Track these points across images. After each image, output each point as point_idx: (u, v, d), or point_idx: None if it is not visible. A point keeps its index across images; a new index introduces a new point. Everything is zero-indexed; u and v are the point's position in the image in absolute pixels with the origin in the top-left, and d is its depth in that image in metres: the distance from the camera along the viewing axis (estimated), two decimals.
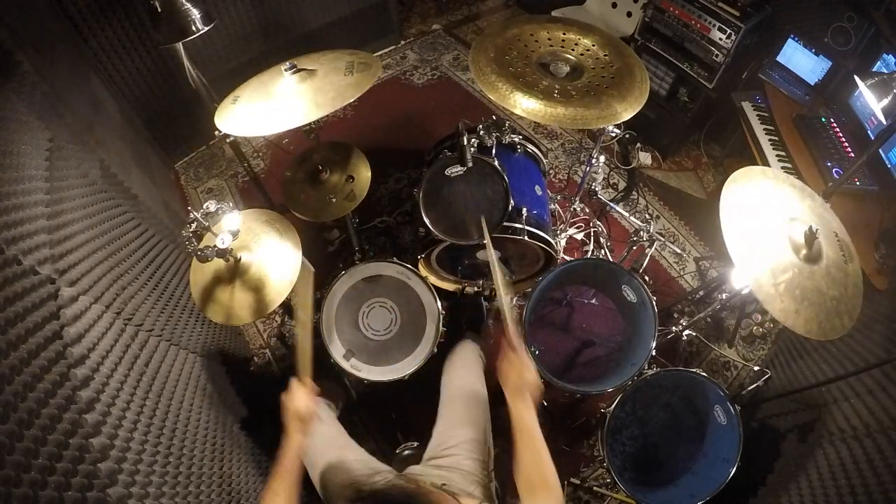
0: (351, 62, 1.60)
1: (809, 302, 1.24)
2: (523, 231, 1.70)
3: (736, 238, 1.26)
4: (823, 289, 1.27)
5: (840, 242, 1.37)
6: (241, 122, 1.50)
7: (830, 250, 1.34)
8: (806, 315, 1.22)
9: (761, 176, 1.43)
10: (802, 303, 1.23)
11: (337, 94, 1.48)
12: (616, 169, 2.84)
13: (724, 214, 1.29)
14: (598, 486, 1.85)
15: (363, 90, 1.48)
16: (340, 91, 1.49)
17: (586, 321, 1.89)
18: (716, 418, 1.58)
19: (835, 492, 1.29)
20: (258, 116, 1.51)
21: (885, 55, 1.91)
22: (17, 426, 0.69)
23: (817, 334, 1.22)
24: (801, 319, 1.21)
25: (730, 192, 1.34)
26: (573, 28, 1.83)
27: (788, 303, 1.22)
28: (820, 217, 1.39)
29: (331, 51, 1.70)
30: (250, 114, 1.52)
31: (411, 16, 3.75)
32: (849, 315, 1.27)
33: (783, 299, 1.22)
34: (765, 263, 1.26)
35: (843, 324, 1.26)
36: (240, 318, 1.30)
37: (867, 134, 1.97)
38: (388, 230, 2.54)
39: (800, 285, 1.25)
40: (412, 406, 1.95)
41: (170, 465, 1.08)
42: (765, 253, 1.28)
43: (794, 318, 1.21)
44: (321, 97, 1.48)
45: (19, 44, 1.39)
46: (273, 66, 1.65)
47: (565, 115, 1.55)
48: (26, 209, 0.99)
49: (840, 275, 1.31)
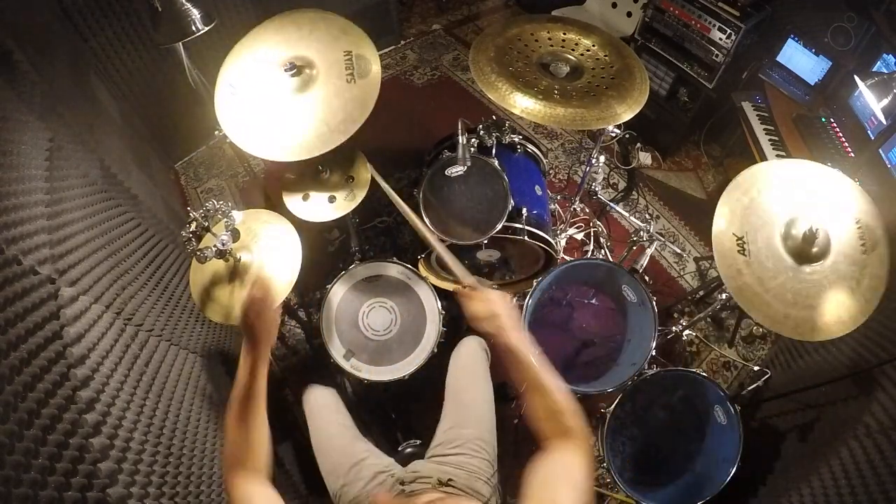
0: (349, 59, 1.59)
1: (802, 305, 1.24)
2: (523, 231, 1.70)
3: (724, 243, 1.27)
4: (827, 284, 1.27)
5: (862, 228, 1.32)
6: (246, 137, 1.49)
7: (845, 243, 1.32)
8: (797, 317, 1.23)
9: (784, 168, 1.43)
10: (794, 306, 1.24)
11: (346, 118, 1.45)
12: (616, 169, 2.84)
13: (718, 221, 1.30)
14: (598, 486, 1.85)
15: (369, 109, 1.46)
16: (349, 115, 1.46)
17: (586, 321, 1.89)
18: (716, 418, 1.58)
19: (835, 492, 1.29)
20: (264, 135, 1.49)
21: (885, 55, 1.91)
22: (17, 426, 0.68)
23: (811, 335, 1.22)
24: (789, 324, 1.23)
25: (724, 211, 1.35)
26: (574, 28, 1.83)
27: (779, 307, 1.23)
28: (834, 205, 1.37)
29: (321, 12, 1.67)
30: (256, 130, 1.50)
31: (411, 16, 3.75)
32: (861, 310, 1.26)
33: (775, 302, 1.23)
34: (753, 270, 1.27)
35: (855, 321, 1.25)
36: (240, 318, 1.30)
37: (867, 134, 1.97)
38: (388, 230, 2.54)
39: (791, 289, 1.25)
40: (412, 406, 1.95)
41: (170, 465, 1.07)
42: (756, 258, 1.28)
43: (780, 323, 1.23)
44: (331, 118, 1.46)
45: (19, 44, 1.39)
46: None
47: (565, 116, 1.55)
48: (26, 209, 0.99)
49: (853, 268, 1.29)
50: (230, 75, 1.58)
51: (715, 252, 1.30)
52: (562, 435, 0.84)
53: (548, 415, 0.89)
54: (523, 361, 0.95)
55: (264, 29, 1.65)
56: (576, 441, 0.83)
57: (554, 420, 0.87)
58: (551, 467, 0.80)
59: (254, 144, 1.48)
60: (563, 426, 0.85)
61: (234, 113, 1.52)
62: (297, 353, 2.18)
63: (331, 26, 1.63)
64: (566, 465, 0.79)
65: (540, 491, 0.75)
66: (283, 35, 1.62)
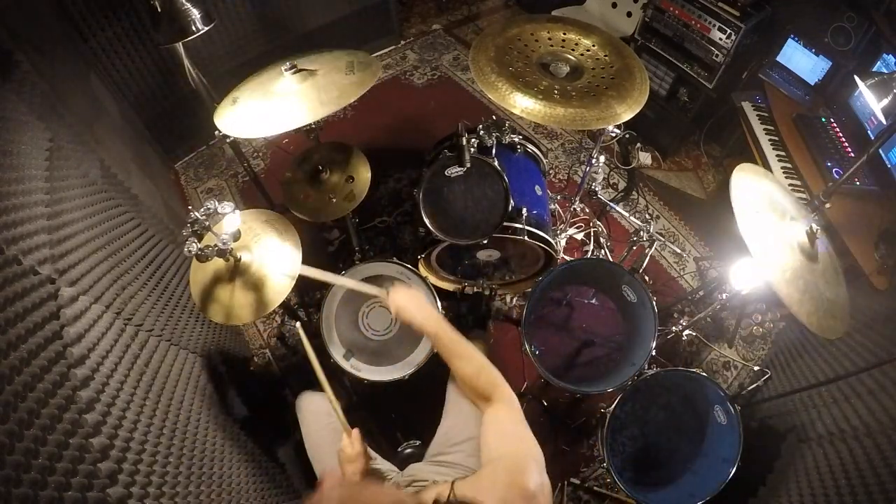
0: (351, 62, 1.60)
1: (810, 295, 1.24)
2: (523, 231, 1.70)
3: (750, 225, 1.27)
4: (821, 287, 1.27)
5: (830, 258, 1.39)
6: (242, 123, 1.50)
7: (827, 259, 1.35)
8: (808, 307, 1.23)
9: (763, 178, 1.44)
10: (805, 294, 1.24)
11: (340, 94, 1.48)
12: (616, 169, 2.84)
13: (737, 203, 1.29)
14: (598, 486, 1.85)
15: (366, 88, 1.48)
16: (343, 90, 1.49)
17: (586, 321, 1.89)
18: (716, 418, 1.58)
19: (835, 492, 1.29)
20: (260, 117, 1.50)
21: (885, 55, 1.91)
22: (17, 426, 0.68)
23: (817, 328, 1.22)
24: (804, 309, 1.22)
25: (739, 184, 1.34)
26: (574, 28, 1.83)
27: (793, 291, 1.23)
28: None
29: (329, 51, 1.70)
30: (252, 114, 1.51)
31: (411, 16, 3.75)
32: (842, 322, 1.28)
33: (789, 286, 1.23)
34: (774, 252, 1.27)
35: (836, 327, 1.26)
36: (240, 318, 1.30)
37: (867, 134, 1.97)
38: (388, 230, 2.54)
39: (803, 277, 1.26)
40: (412, 406, 1.95)
41: (170, 465, 1.07)
42: (773, 242, 1.29)
43: (797, 305, 1.22)
44: (325, 95, 1.48)
45: (19, 44, 1.39)
46: (271, 65, 1.65)
47: (565, 116, 1.55)
48: (26, 209, 0.99)
49: (836, 278, 1.32)
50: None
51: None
52: (486, 399, 0.98)
53: (470, 377, 1.03)
54: (434, 334, 1.09)
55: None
56: (495, 397, 0.97)
57: (477, 379, 1.01)
58: (486, 430, 0.93)
59: (251, 128, 1.50)
60: (482, 387, 1.00)
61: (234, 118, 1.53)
62: (297, 353, 2.18)
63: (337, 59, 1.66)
64: (497, 421, 0.94)
65: (486, 454, 0.89)
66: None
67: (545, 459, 0.87)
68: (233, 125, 1.50)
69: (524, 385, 2.05)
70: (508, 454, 0.86)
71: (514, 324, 2.23)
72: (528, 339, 1.67)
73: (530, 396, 2.02)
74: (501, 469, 0.84)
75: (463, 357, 1.07)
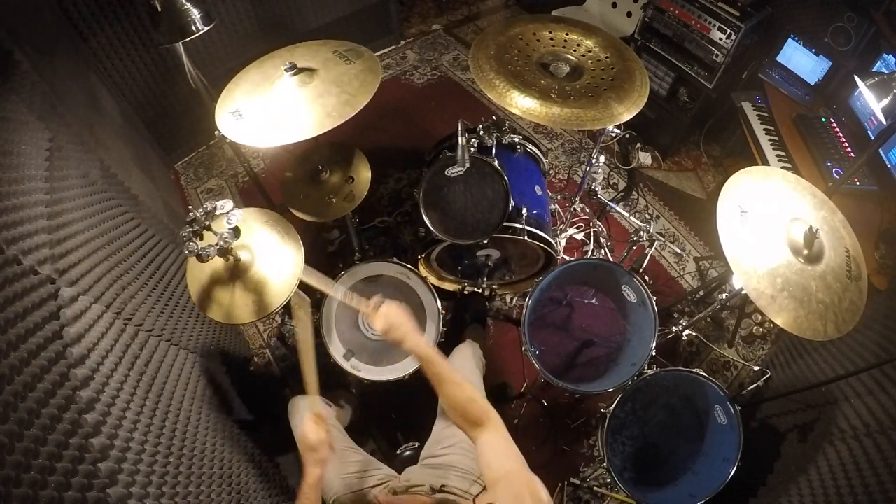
0: (346, 51, 1.60)
1: (790, 294, 1.24)
2: (523, 231, 1.70)
3: (730, 233, 1.27)
4: (812, 289, 1.26)
5: (850, 258, 1.36)
6: (249, 132, 1.49)
7: (835, 261, 1.33)
8: (784, 305, 1.23)
9: (770, 176, 1.43)
10: (783, 292, 1.24)
11: (346, 102, 1.49)
12: (616, 169, 2.84)
13: (721, 216, 1.29)
14: (598, 486, 1.85)
15: (370, 95, 1.50)
16: (348, 101, 1.50)
17: (586, 321, 1.89)
18: (716, 418, 1.58)
19: (835, 492, 1.29)
20: (266, 126, 1.50)
21: (885, 55, 1.91)
22: (17, 426, 0.68)
23: (796, 329, 1.22)
24: (774, 306, 1.22)
25: (729, 194, 1.34)
26: (576, 29, 1.83)
27: (765, 287, 1.24)
28: (833, 230, 1.38)
29: (323, 41, 1.70)
30: (258, 124, 1.51)
31: (411, 16, 3.75)
32: (836, 327, 1.26)
33: (761, 283, 1.24)
34: (760, 260, 1.27)
35: (826, 330, 1.25)
36: (240, 318, 1.30)
37: (867, 134, 1.97)
38: (388, 230, 2.54)
39: (782, 275, 1.25)
40: (412, 406, 1.95)
41: (170, 465, 1.07)
42: (761, 250, 1.28)
43: (766, 301, 1.23)
44: (330, 104, 1.49)
45: (19, 44, 1.39)
46: (266, 58, 1.66)
47: (565, 116, 1.55)
48: (26, 209, 0.99)
49: (837, 285, 1.30)
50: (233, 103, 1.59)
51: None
52: (475, 425, 1.00)
53: (461, 404, 1.03)
54: (427, 360, 1.08)
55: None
56: (487, 423, 0.99)
57: (467, 406, 1.02)
58: (486, 452, 0.96)
59: (258, 138, 1.50)
60: (474, 414, 1.01)
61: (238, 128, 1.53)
62: (298, 353, 2.18)
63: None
64: (495, 444, 0.97)
65: (491, 474, 0.92)
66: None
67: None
68: (240, 133, 1.50)
69: (524, 385, 2.05)
70: (514, 470, 0.91)
71: (514, 324, 2.23)
72: (528, 338, 1.67)
73: (530, 396, 2.02)
74: (517, 483, 0.88)
75: (455, 383, 1.06)
